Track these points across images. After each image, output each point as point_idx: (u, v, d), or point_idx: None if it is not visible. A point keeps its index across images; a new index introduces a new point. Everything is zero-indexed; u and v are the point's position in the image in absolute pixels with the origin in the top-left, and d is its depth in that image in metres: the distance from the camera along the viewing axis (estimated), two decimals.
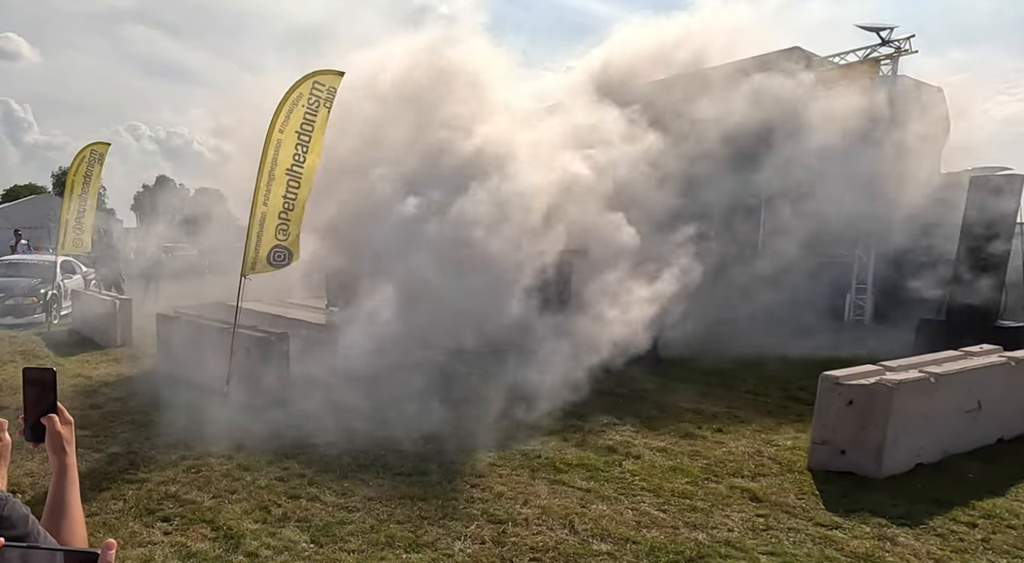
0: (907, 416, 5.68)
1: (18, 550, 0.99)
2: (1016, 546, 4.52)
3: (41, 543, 1.20)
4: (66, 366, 9.86)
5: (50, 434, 1.46)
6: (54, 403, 1.48)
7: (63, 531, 1.38)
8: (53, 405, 1.48)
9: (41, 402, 1.47)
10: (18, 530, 1.17)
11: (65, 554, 0.93)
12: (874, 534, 4.66)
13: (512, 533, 4.61)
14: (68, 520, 1.41)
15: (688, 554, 4.34)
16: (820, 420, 5.90)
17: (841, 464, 5.78)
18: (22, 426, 1.48)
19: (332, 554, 4.29)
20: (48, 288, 14.19)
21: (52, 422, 1.47)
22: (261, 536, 4.51)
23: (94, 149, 13.87)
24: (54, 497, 1.43)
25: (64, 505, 1.42)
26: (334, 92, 7.63)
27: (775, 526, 4.78)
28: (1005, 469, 5.90)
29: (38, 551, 1.04)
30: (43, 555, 1.02)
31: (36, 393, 1.48)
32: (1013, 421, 6.74)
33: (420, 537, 4.53)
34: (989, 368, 6.46)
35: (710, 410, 7.68)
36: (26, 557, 1.02)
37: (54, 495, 1.44)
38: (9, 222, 33.44)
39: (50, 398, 1.48)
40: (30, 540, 1.18)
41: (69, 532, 1.40)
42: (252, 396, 7.24)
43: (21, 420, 1.48)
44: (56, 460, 1.46)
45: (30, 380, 1.48)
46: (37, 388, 1.48)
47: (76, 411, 6.76)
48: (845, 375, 5.90)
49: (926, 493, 5.34)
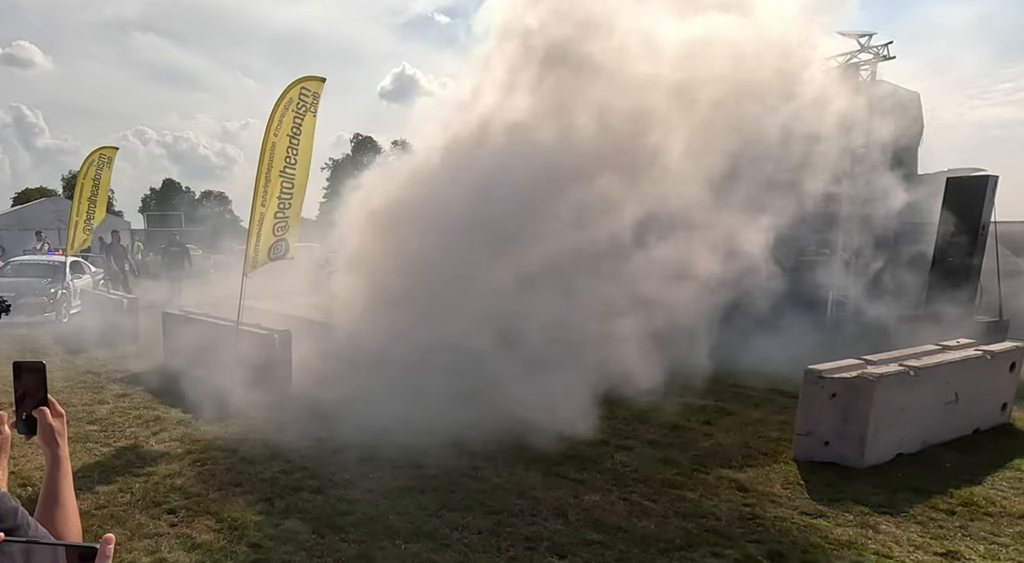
0: (888, 408, 5.68)
1: (20, 545, 0.97)
2: (993, 532, 4.52)
3: (32, 535, 1.18)
4: (75, 363, 9.79)
5: (42, 427, 1.44)
6: (45, 396, 1.46)
7: (57, 522, 1.36)
8: (44, 398, 1.45)
9: (32, 395, 1.45)
10: (7, 523, 1.14)
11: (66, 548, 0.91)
12: (857, 522, 4.66)
13: (507, 523, 4.58)
14: (61, 511, 1.39)
15: (678, 543, 4.32)
16: (804, 412, 5.89)
17: (825, 455, 5.77)
18: (13, 420, 1.46)
19: (333, 544, 4.26)
20: (58, 288, 14.10)
21: (44, 415, 1.44)
22: (264, 527, 4.48)
23: (103, 153, 13.80)
24: (47, 489, 1.41)
25: (57, 496, 1.41)
26: (318, 97, 7.75)
27: (762, 515, 4.77)
28: (982, 458, 5.91)
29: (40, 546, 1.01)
30: (45, 550, 0.99)
31: (27, 386, 1.45)
32: (989, 412, 6.75)
33: (419, 528, 4.50)
34: (966, 361, 6.47)
35: (698, 403, 7.67)
36: (28, 552, 0.99)
37: (47, 487, 1.42)
38: (21, 224, 33.23)
39: (41, 391, 1.45)
40: (21, 532, 1.16)
41: (63, 522, 1.38)
42: (256, 392, 7.20)
43: (13, 413, 1.46)
44: (49, 452, 1.44)
45: (21, 374, 1.45)
46: (28, 381, 1.45)
47: (85, 407, 6.77)
48: (828, 369, 5.89)
49: (906, 482, 5.34)
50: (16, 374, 1.45)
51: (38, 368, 1.46)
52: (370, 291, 8.71)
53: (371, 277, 8.86)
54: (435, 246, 8.04)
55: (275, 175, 7.52)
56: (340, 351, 7.98)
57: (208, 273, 22.20)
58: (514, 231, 7.69)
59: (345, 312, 8.96)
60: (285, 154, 7.54)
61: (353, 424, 6.35)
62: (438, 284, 7.77)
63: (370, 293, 8.69)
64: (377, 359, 7.41)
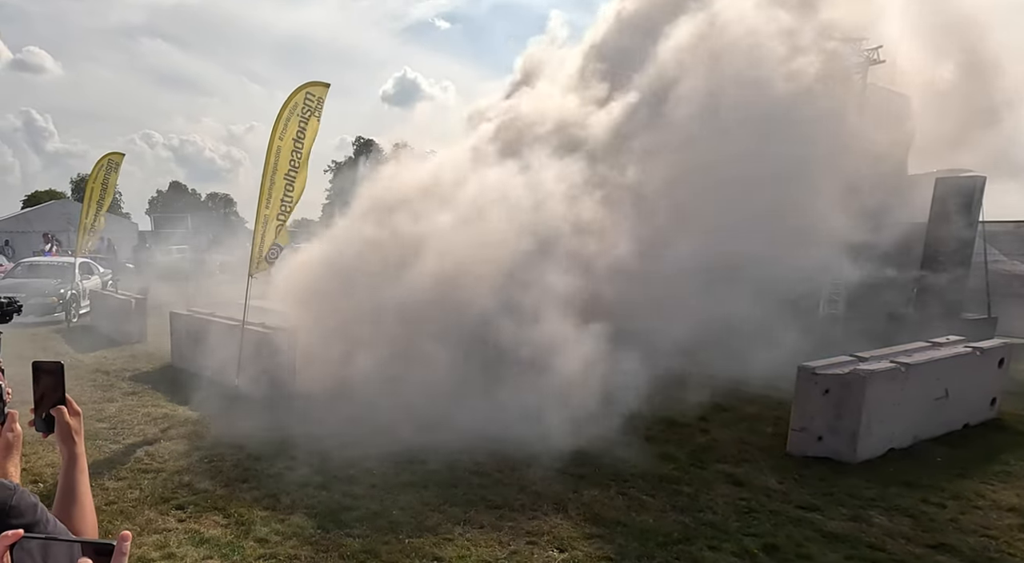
0: (879, 404, 5.68)
1: (38, 541, 0.96)
2: (982, 525, 4.52)
3: (50, 530, 1.18)
4: (85, 361, 9.78)
5: (59, 425, 1.45)
6: (63, 395, 1.46)
7: (74, 518, 1.37)
8: (62, 397, 1.46)
9: (50, 394, 1.46)
10: (27, 518, 1.14)
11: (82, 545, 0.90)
12: (850, 515, 4.65)
13: (509, 518, 4.58)
14: (78, 507, 1.40)
15: (675, 536, 4.32)
16: (798, 408, 5.89)
17: (818, 450, 5.77)
18: (32, 418, 1.47)
19: (338, 539, 4.25)
20: (67, 288, 14.09)
21: (61, 413, 1.45)
22: (271, 523, 4.47)
23: (111, 159, 13.89)
24: (65, 485, 1.42)
25: (74, 493, 1.41)
26: (322, 102, 7.75)
27: (757, 509, 4.76)
28: (971, 453, 5.91)
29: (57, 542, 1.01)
30: (62, 546, 0.99)
31: (45, 386, 1.46)
32: (978, 408, 6.76)
33: (422, 522, 4.50)
34: (955, 358, 6.47)
35: (694, 399, 7.65)
36: (46, 548, 0.99)
37: (65, 483, 1.42)
38: (32, 226, 33.20)
39: (59, 390, 1.46)
40: (39, 527, 1.16)
41: (80, 518, 1.38)
42: (261, 389, 7.19)
43: (31, 411, 1.46)
44: (66, 449, 1.45)
45: (39, 373, 1.46)
46: (46, 381, 1.46)
47: (94, 404, 6.73)
48: (821, 366, 5.89)
49: (898, 476, 5.34)
50: (35, 374, 1.45)
51: (56, 368, 1.46)
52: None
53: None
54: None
55: (280, 178, 7.53)
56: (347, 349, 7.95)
57: (214, 274, 22.16)
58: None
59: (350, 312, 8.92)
60: (290, 157, 7.55)
61: (357, 421, 6.33)
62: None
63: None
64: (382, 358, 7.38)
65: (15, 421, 1.46)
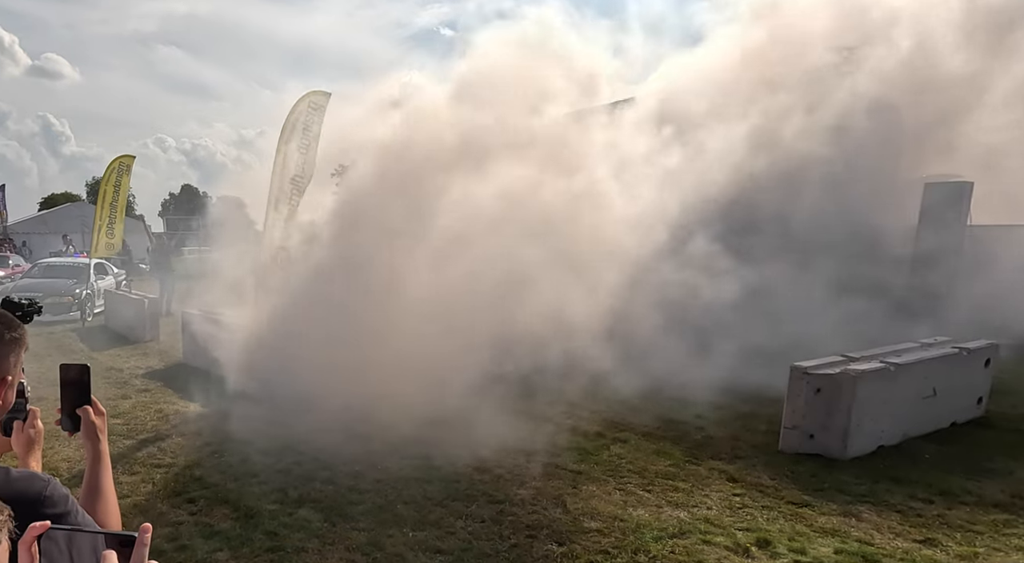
0: (869, 402, 5.68)
1: (64, 532, 0.99)
2: (969, 520, 4.52)
3: (79, 520, 1.21)
4: (99, 359, 9.80)
5: (85, 424, 1.48)
6: (88, 396, 1.50)
7: (99, 512, 1.39)
8: (87, 397, 1.49)
9: (77, 395, 1.49)
10: (59, 508, 1.17)
11: (106, 536, 0.92)
12: (840, 511, 4.65)
13: (509, 512, 4.58)
14: (103, 502, 1.43)
15: (671, 530, 4.32)
16: (790, 407, 5.89)
17: (810, 447, 5.77)
18: (59, 417, 1.49)
19: (344, 532, 4.26)
20: (82, 288, 14.12)
21: (87, 413, 1.49)
22: (279, 516, 4.48)
23: (122, 161, 13.95)
24: (90, 481, 1.45)
25: (99, 488, 1.44)
26: (323, 109, 7.80)
27: (750, 504, 4.76)
28: (958, 450, 5.90)
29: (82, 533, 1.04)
30: (86, 537, 1.02)
31: (72, 386, 1.49)
32: (965, 406, 6.74)
33: (425, 516, 4.50)
34: (943, 358, 6.46)
35: (690, 397, 7.65)
36: (71, 539, 1.01)
37: (90, 479, 1.45)
38: (48, 227, 33.27)
39: (85, 391, 1.49)
40: (70, 517, 1.19)
41: (104, 512, 1.41)
42: (271, 387, 7.19)
43: (58, 411, 1.49)
44: (91, 447, 1.48)
45: (66, 374, 1.49)
46: (73, 382, 1.49)
47: (108, 401, 6.75)
48: (812, 365, 5.89)
49: (887, 472, 5.34)
50: (63, 375, 1.48)
51: (83, 369, 1.50)
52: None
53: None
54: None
55: (287, 182, 7.57)
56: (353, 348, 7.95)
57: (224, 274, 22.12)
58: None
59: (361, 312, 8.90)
60: (296, 162, 7.60)
61: (362, 418, 6.34)
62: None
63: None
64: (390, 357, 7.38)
65: (36, 417, 1.50)
